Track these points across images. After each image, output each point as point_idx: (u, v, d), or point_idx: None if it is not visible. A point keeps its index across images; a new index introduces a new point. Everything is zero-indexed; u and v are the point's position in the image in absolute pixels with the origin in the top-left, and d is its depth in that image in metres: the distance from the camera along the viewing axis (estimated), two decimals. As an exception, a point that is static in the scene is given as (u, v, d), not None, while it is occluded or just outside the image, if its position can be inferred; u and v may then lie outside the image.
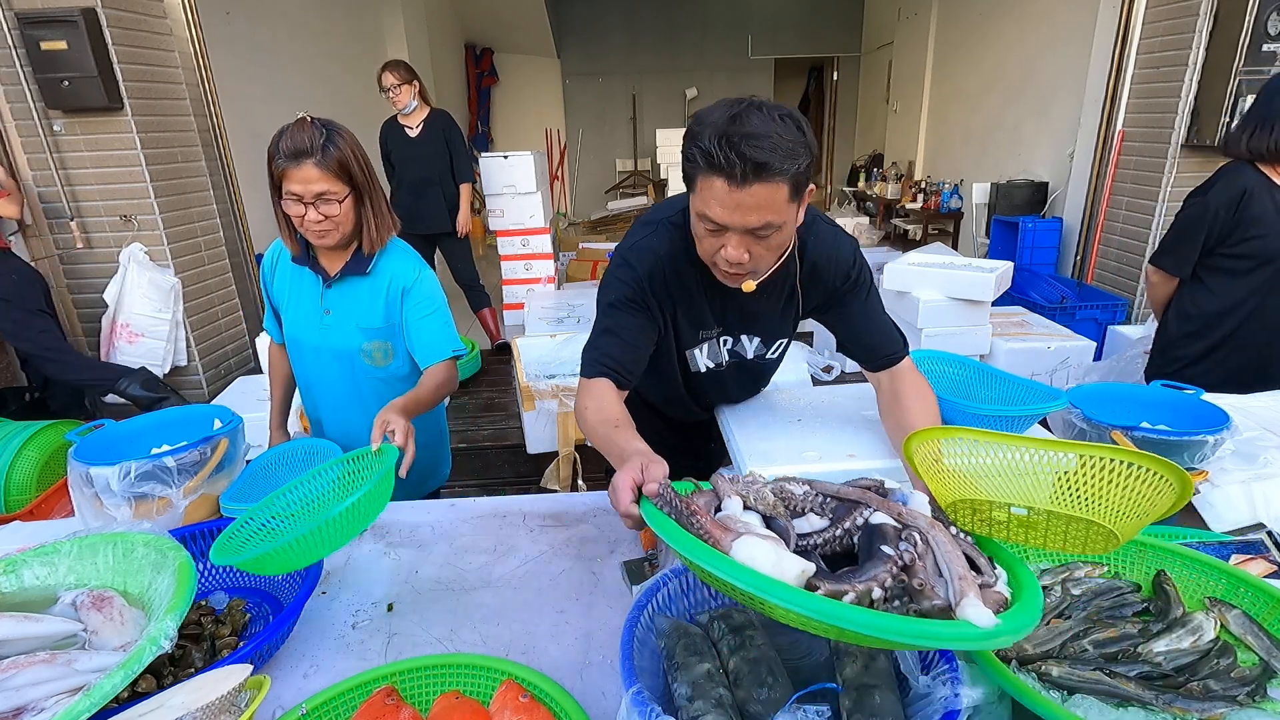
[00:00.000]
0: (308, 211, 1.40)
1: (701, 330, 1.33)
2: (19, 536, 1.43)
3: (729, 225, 1.03)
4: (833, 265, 1.25)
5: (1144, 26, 4.01)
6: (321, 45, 5.90)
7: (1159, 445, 1.18)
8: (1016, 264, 4.63)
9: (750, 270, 1.11)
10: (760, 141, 0.95)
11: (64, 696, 0.79)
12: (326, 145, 1.37)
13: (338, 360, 1.61)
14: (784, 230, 1.06)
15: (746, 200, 0.99)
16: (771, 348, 1.38)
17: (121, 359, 3.54)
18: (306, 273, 1.57)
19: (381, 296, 1.56)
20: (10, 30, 3.18)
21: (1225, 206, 1.83)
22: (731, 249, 1.06)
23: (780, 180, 0.98)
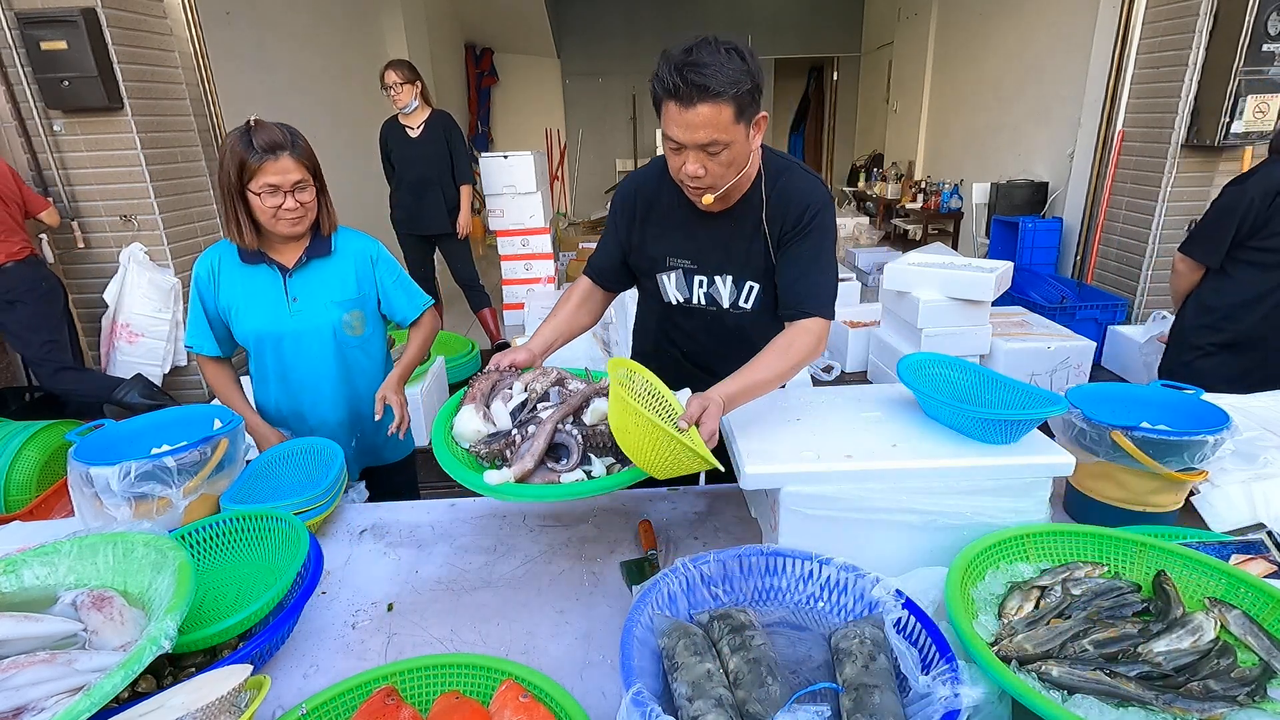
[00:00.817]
0: (285, 200, 1.52)
1: (670, 256, 1.46)
2: (19, 536, 1.44)
3: (684, 142, 1.20)
4: (796, 199, 1.36)
5: (1144, 26, 4.01)
6: (321, 45, 5.90)
7: (1159, 445, 1.18)
8: (1016, 264, 4.63)
9: (709, 185, 1.26)
10: (704, 69, 1.12)
11: (64, 696, 0.79)
12: (295, 139, 1.53)
13: (317, 340, 1.67)
14: (733, 149, 1.21)
15: (694, 119, 1.16)
16: (743, 292, 1.44)
17: (122, 359, 3.55)
18: (261, 270, 1.63)
19: (351, 270, 1.69)
20: (10, 30, 3.18)
21: (1262, 197, 1.82)
22: (689, 164, 1.23)
23: (722, 101, 1.14)
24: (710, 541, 1.35)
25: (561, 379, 1.35)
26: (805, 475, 1.12)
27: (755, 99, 1.19)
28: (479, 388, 1.32)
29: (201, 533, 1.22)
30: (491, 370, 1.39)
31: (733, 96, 1.14)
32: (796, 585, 1.00)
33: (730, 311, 1.47)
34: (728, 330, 1.49)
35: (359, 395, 1.76)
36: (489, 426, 1.23)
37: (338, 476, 1.47)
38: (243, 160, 1.47)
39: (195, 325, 1.66)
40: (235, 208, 1.53)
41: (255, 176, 1.48)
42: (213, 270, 1.62)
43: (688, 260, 1.44)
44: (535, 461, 1.13)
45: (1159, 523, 1.25)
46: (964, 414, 1.19)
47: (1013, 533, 1.09)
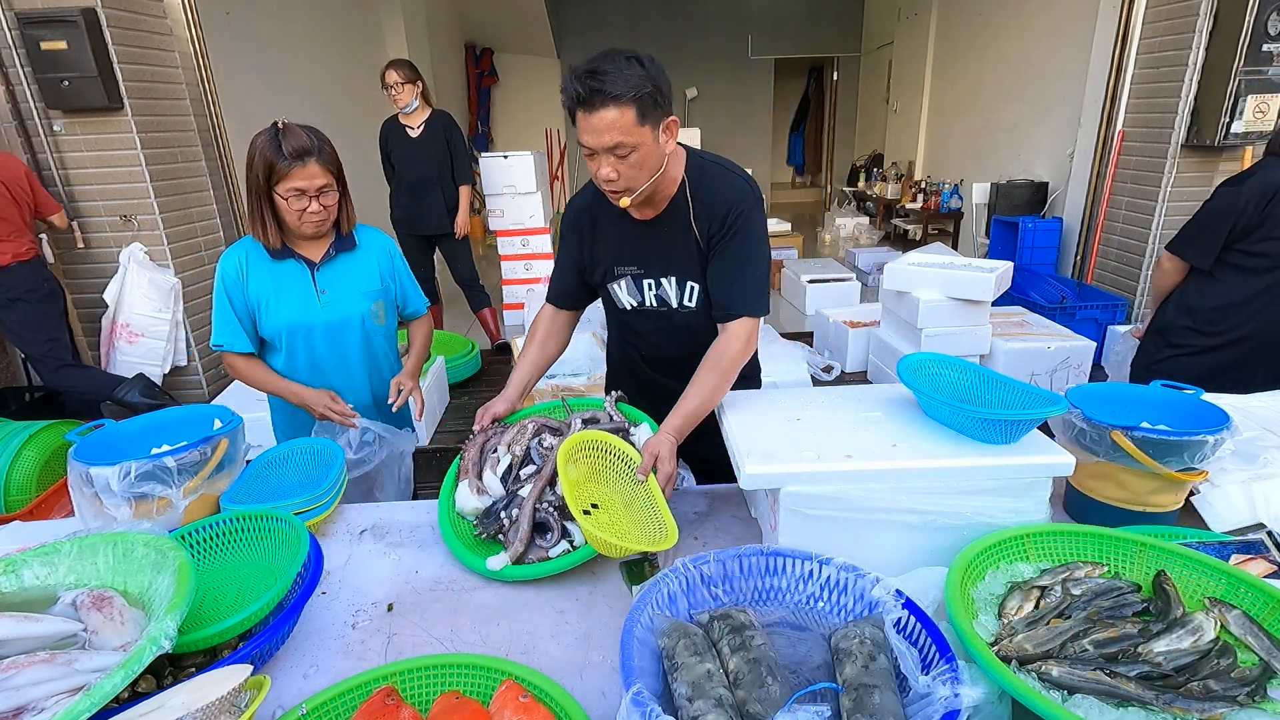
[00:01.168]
0: (310, 204, 1.59)
1: (617, 265, 1.51)
2: (19, 536, 1.44)
3: (593, 147, 1.26)
4: (719, 202, 1.41)
5: (1144, 26, 4.01)
6: (321, 45, 5.90)
7: (1159, 445, 1.18)
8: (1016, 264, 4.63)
9: (624, 189, 1.31)
10: (604, 76, 1.20)
11: (64, 696, 0.79)
12: (322, 145, 1.59)
13: (345, 330, 1.76)
14: (640, 151, 1.26)
15: (599, 123, 1.22)
16: (686, 292, 1.49)
17: (122, 359, 3.55)
18: (289, 264, 1.70)
19: (374, 263, 1.80)
20: (10, 30, 3.18)
21: (1256, 200, 1.80)
22: (602, 168, 1.29)
23: (622, 104, 1.21)
24: (710, 541, 1.35)
25: (539, 430, 1.42)
26: (805, 475, 1.12)
27: (658, 103, 1.26)
28: (469, 458, 1.40)
29: (201, 533, 1.22)
30: (477, 434, 1.45)
31: (633, 99, 1.21)
32: (796, 585, 1.00)
33: (679, 311, 1.52)
34: (678, 329, 1.54)
35: (383, 379, 1.86)
36: (485, 500, 1.33)
37: (338, 477, 1.48)
38: (272, 164, 1.54)
39: (224, 324, 1.68)
40: (261, 207, 1.60)
41: (283, 180, 1.55)
42: (241, 266, 1.67)
43: (634, 266, 1.50)
44: (525, 544, 1.23)
45: (1159, 523, 1.25)
46: (964, 414, 1.19)
47: (1013, 533, 1.09)
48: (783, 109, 12.89)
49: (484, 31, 9.76)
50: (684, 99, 11.45)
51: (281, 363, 1.74)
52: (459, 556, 1.27)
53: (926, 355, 1.42)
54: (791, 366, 3.30)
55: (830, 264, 5.76)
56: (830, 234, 8.74)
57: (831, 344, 4.25)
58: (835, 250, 8.06)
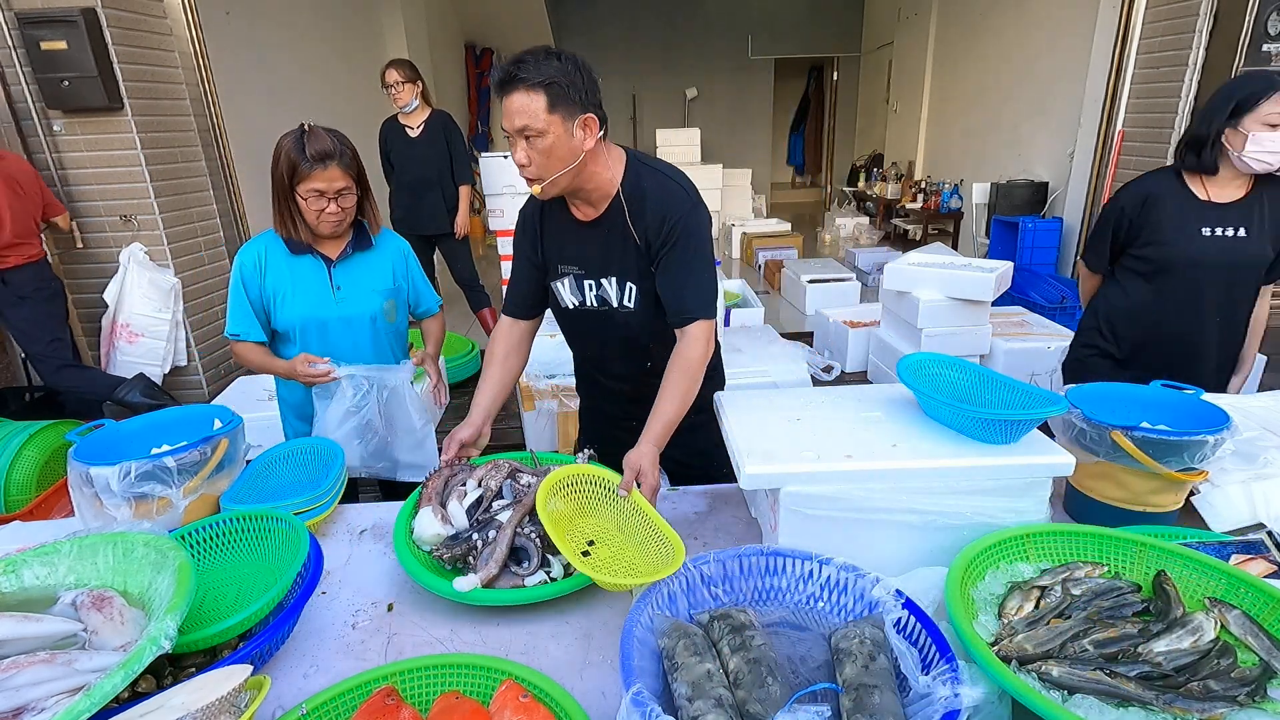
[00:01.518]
0: (328, 205, 1.66)
1: (561, 264, 1.54)
2: (19, 536, 1.43)
3: (507, 130, 1.32)
4: (654, 210, 1.43)
5: (1144, 26, 4.02)
6: (321, 45, 5.90)
7: (1159, 445, 1.18)
8: (1016, 264, 4.63)
9: (536, 176, 1.36)
10: (522, 64, 1.26)
11: (64, 696, 0.79)
12: (343, 150, 1.66)
13: (357, 325, 1.82)
14: (548, 138, 1.30)
15: (510, 106, 1.28)
16: (625, 292, 1.50)
17: (122, 359, 3.55)
18: (307, 260, 1.77)
19: (388, 263, 1.87)
20: (10, 30, 3.18)
21: (1133, 205, 1.88)
22: (516, 152, 1.34)
23: (532, 89, 1.26)
24: (710, 541, 1.35)
25: (514, 471, 1.40)
26: (805, 475, 1.12)
27: (571, 97, 1.29)
28: (433, 486, 1.35)
29: (201, 533, 1.22)
30: (442, 467, 1.41)
31: (543, 86, 1.26)
32: (796, 585, 1.00)
33: (619, 310, 1.53)
34: (618, 327, 1.55)
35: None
36: (448, 528, 1.26)
37: (338, 476, 1.48)
38: (295, 165, 1.61)
39: (240, 314, 1.74)
40: (287, 205, 1.68)
41: (304, 181, 1.62)
42: (259, 260, 1.74)
43: (575, 266, 1.52)
44: (499, 567, 1.17)
45: (1159, 523, 1.25)
46: (964, 414, 1.19)
47: (1013, 533, 1.09)
48: (783, 109, 12.89)
49: (484, 31, 9.76)
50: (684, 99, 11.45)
51: (294, 354, 1.77)
52: (418, 577, 1.16)
53: (926, 355, 1.42)
54: (791, 366, 3.30)
55: (830, 264, 5.77)
56: (830, 234, 8.75)
57: (831, 344, 4.25)
58: (835, 250, 8.06)
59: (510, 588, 1.15)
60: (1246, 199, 1.81)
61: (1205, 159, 1.78)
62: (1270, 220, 1.80)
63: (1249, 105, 1.68)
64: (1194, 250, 1.82)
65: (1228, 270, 1.84)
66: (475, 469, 1.41)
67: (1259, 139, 1.68)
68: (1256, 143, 1.68)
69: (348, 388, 1.77)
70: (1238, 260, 1.82)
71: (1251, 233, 1.80)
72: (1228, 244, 1.81)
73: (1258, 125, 1.68)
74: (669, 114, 11.44)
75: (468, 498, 1.32)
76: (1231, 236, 1.81)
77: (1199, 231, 1.81)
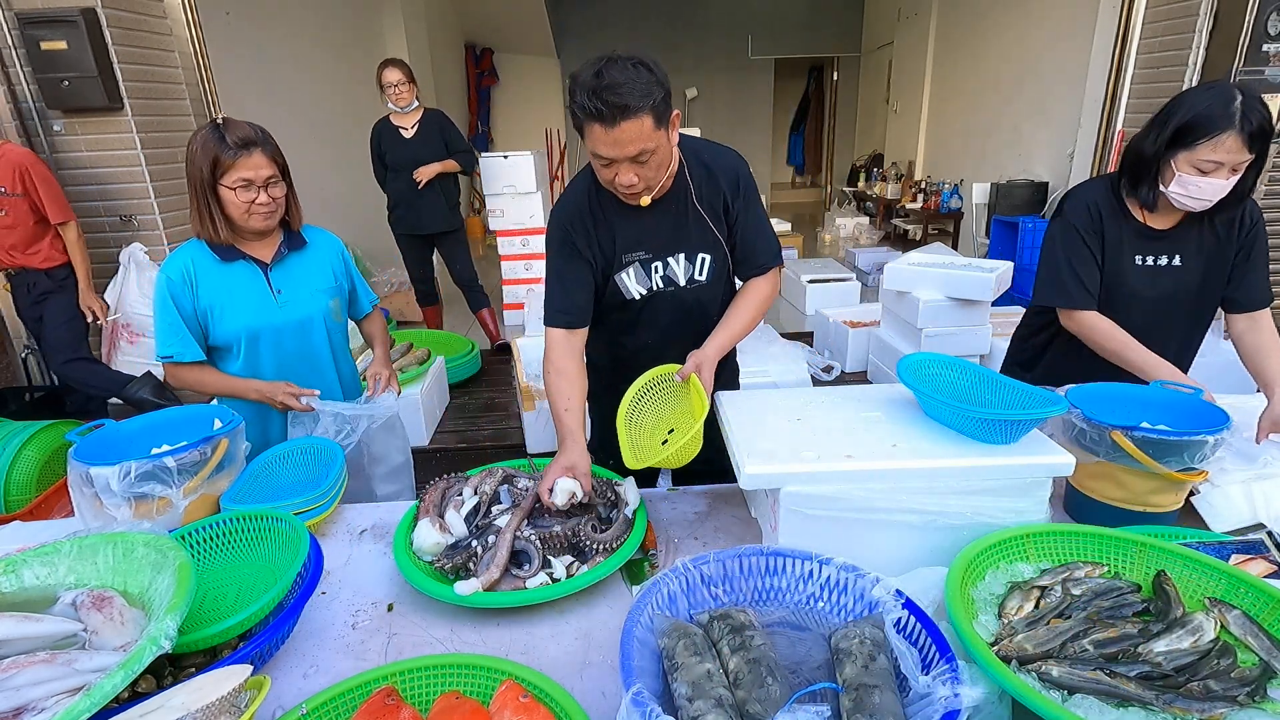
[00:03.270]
0: (258, 195, 1.56)
1: (624, 254, 1.50)
2: (19, 536, 1.44)
3: (614, 158, 1.29)
4: (724, 172, 1.49)
5: (1144, 26, 4.01)
6: (321, 45, 5.90)
7: (1159, 445, 1.18)
8: (1017, 264, 4.63)
9: (644, 190, 1.36)
10: (620, 89, 1.20)
11: (64, 696, 0.79)
12: (266, 136, 1.58)
13: (306, 329, 1.74)
14: (659, 152, 1.31)
15: (621, 137, 1.24)
16: (697, 265, 1.53)
17: (122, 359, 3.55)
18: (239, 266, 1.65)
19: (327, 261, 1.79)
20: (10, 30, 3.18)
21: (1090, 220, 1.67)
22: (622, 175, 1.32)
23: (641, 115, 1.23)
24: (710, 541, 1.35)
25: (509, 476, 1.41)
26: (805, 475, 1.12)
27: (668, 104, 1.30)
28: (430, 499, 1.37)
29: (202, 533, 1.22)
30: (438, 480, 1.43)
31: (650, 108, 1.24)
32: (796, 585, 1.00)
33: (687, 288, 1.55)
34: (685, 306, 1.57)
35: (345, 376, 1.88)
36: (448, 538, 1.27)
37: (338, 477, 1.48)
38: (216, 156, 1.51)
39: (171, 333, 1.60)
40: (208, 203, 1.56)
41: (229, 172, 1.52)
42: (187, 273, 1.60)
43: (642, 251, 1.51)
44: (501, 571, 1.18)
45: (1159, 523, 1.25)
46: (964, 414, 1.19)
47: (1013, 533, 1.09)
48: (783, 109, 12.89)
49: (484, 32, 9.76)
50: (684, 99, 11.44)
51: (239, 368, 1.68)
52: (419, 585, 1.17)
53: (926, 355, 1.43)
54: (791, 366, 3.30)
55: (830, 264, 5.76)
56: (830, 234, 8.75)
57: (831, 344, 4.25)
58: (835, 250, 8.06)
59: (511, 590, 1.16)
60: (1183, 223, 1.61)
61: (1145, 196, 1.58)
62: (1207, 246, 1.62)
63: (1186, 140, 1.46)
64: (1129, 281, 1.64)
65: (1164, 302, 1.64)
66: (470, 479, 1.41)
67: (1184, 181, 1.48)
68: (1181, 185, 1.49)
69: (329, 425, 1.68)
70: (1173, 292, 1.64)
71: (1186, 261, 1.62)
72: (1161, 273, 1.63)
73: (1189, 166, 1.47)
74: (669, 114, 11.43)
75: (465, 506, 1.32)
76: (1165, 265, 1.63)
77: (1133, 260, 1.63)
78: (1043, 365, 1.88)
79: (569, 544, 1.26)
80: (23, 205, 3.00)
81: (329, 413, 1.69)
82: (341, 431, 1.70)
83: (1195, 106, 1.46)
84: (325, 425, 1.69)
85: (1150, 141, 1.54)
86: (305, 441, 1.63)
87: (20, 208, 3.00)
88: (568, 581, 1.17)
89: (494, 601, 1.13)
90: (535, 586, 1.16)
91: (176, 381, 1.68)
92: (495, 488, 1.36)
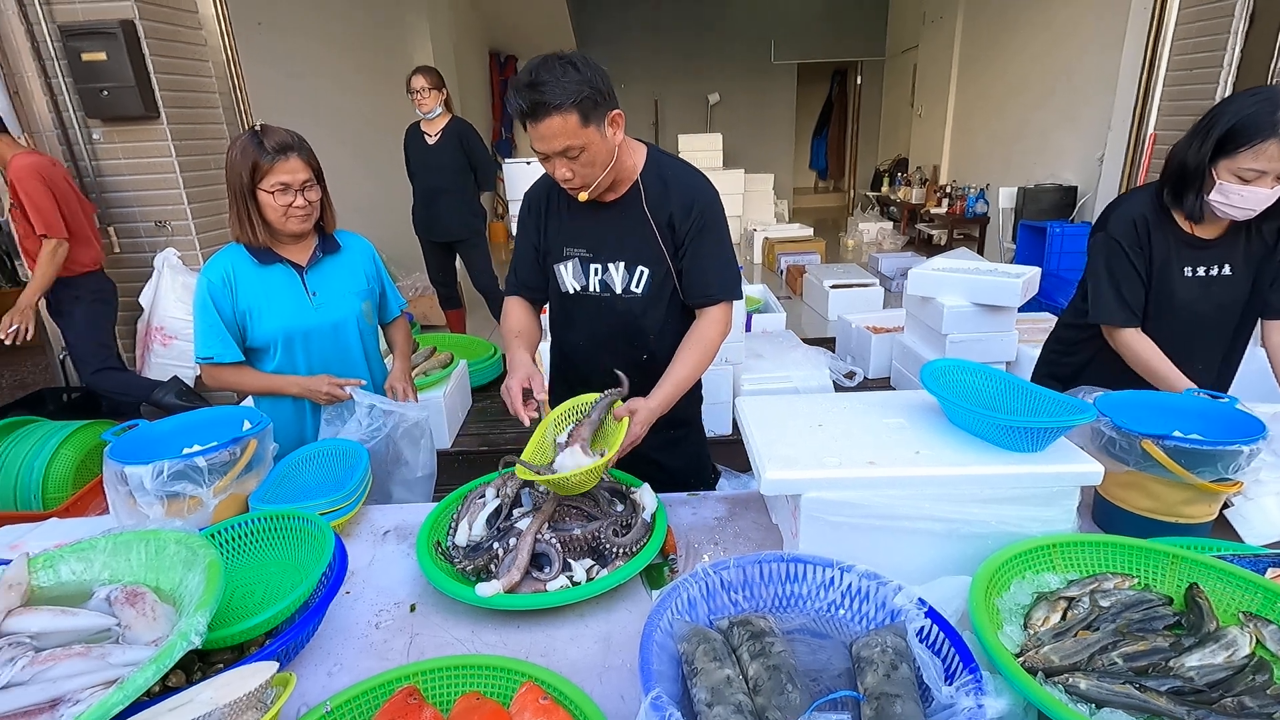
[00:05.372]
0: (295, 199, 1.62)
1: (566, 246, 1.56)
2: (56, 533, 1.48)
3: (544, 152, 1.34)
4: (680, 196, 1.49)
5: (1177, 27, 3.93)
6: (348, 53, 6.01)
7: (1191, 455, 1.15)
8: (1044, 269, 4.55)
9: (581, 185, 1.40)
10: (543, 87, 1.25)
11: (98, 689, 0.81)
12: (301, 141, 1.63)
13: (339, 331, 1.79)
14: (590, 150, 1.33)
15: (545, 132, 1.29)
16: (635, 276, 1.54)
17: (156, 361, 3.63)
18: (277, 270, 1.71)
19: (359, 264, 1.85)
20: (53, 42, 3.29)
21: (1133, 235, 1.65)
22: (558, 169, 1.37)
23: (564, 112, 1.26)
24: (730, 547, 1.35)
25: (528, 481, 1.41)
26: (826, 481, 1.12)
27: (599, 102, 1.31)
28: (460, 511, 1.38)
29: (230, 531, 1.25)
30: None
31: (574, 105, 1.27)
32: (817, 592, 0.99)
33: (621, 297, 1.56)
34: (617, 315, 1.58)
35: (377, 379, 1.93)
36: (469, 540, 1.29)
37: (362, 478, 1.50)
38: (255, 161, 1.57)
39: (212, 335, 1.65)
40: (247, 208, 1.62)
41: (267, 176, 1.58)
42: (228, 276, 1.66)
43: (583, 249, 1.55)
44: (521, 573, 1.18)
45: (1191, 534, 1.22)
46: (989, 421, 1.17)
47: (1039, 542, 1.07)
48: (805, 113, 12.84)
49: (508, 39, 9.87)
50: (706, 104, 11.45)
51: (274, 369, 1.74)
52: (440, 586, 1.18)
53: (950, 361, 1.41)
54: (813, 372, 3.27)
55: (853, 269, 5.72)
56: (853, 239, 8.68)
57: (854, 350, 4.21)
58: (858, 255, 8.00)
59: (532, 592, 1.16)
60: (1230, 232, 1.59)
61: (1189, 206, 1.55)
62: (1255, 255, 1.59)
63: (1228, 148, 1.44)
64: (1178, 293, 1.61)
65: (1214, 313, 1.62)
66: (492, 481, 1.42)
67: (1226, 190, 1.46)
68: (1222, 193, 1.47)
69: (363, 416, 1.72)
70: (1224, 302, 1.61)
71: (1236, 270, 1.60)
72: (1211, 283, 1.60)
73: (1230, 174, 1.45)
74: (691, 119, 11.45)
75: (487, 507, 1.33)
76: (1215, 276, 1.60)
77: (1181, 272, 1.61)
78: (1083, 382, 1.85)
79: (589, 547, 1.26)
80: (22, 215, 3.02)
81: (364, 404, 1.73)
82: (372, 426, 1.73)
83: (1239, 113, 1.44)
84: (359, 417, 1.73)
85: (1194, 150, 1.52)
86: (331, 443, 1.65)
87: (22, 219, 3.03)
88: (588, 585, 1.17)
89: (515, 604, 1.14)
90: (555, 589, 1.16)
91: (215, 383, 1.72)
92: (517, 490, 1.37)
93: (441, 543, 1.30)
